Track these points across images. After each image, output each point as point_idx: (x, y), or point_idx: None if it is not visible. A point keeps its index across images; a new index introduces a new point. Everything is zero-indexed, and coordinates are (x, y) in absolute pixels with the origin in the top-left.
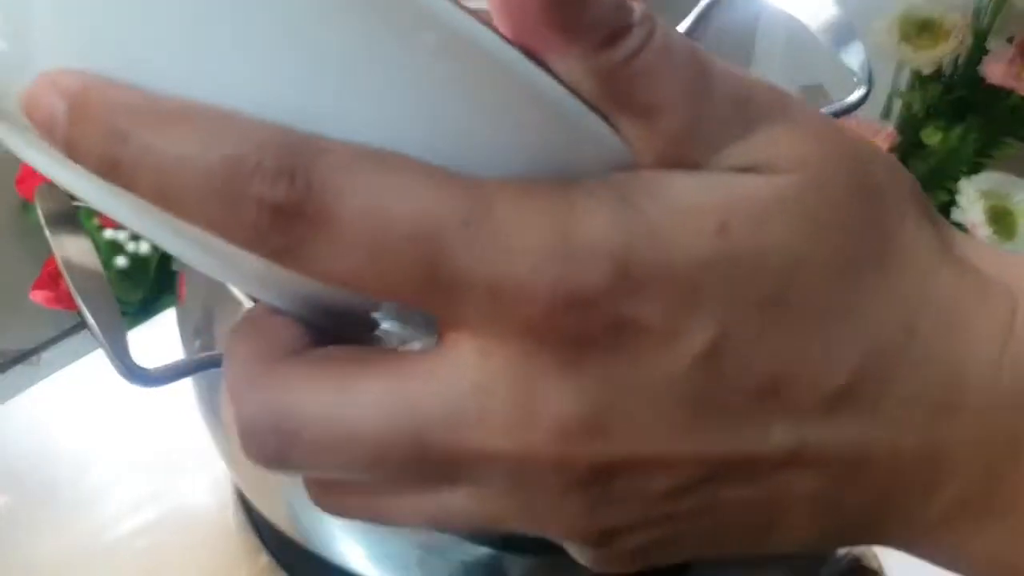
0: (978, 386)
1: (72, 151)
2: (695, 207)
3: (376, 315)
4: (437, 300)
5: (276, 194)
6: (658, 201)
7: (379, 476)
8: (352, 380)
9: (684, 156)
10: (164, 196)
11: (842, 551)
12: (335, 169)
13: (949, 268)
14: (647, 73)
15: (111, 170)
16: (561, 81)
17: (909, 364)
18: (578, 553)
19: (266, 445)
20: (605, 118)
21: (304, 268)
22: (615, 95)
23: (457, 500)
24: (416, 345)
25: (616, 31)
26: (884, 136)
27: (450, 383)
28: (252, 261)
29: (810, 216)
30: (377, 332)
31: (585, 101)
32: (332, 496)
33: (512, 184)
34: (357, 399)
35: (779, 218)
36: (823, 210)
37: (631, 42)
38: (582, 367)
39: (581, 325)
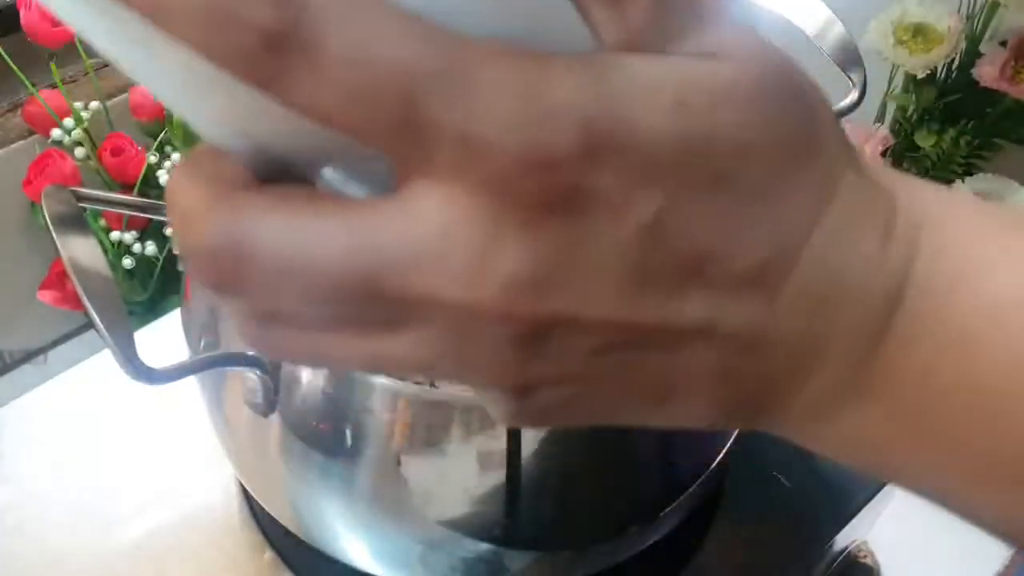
0: (856, 284)
1: None
2: (657, 83)
3: (325, 169)
4: (408, 143)
5: (266, 17)
6: (624, 76)
7: (327, 311)
8: (313, 213)
9: (647, 43)
10: (154, 9)
11: (838, 548)
12: (327, 1)
13: (852, 170)
14: None
15: None
16: None
17: (808, 256)
18: (492, 405)
19: (221, 268)
20: (577, 5)
21: (285, 97)
22: None
23: (396, 343)
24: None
25: None
26: (878, 139)
27: (412, 226)
28: (220, 96)
29: (760, 103)
30: (320, 184)
31: None
32: (270, 330)
33: (491, 44)
34: (318, 231)
35: (733, 101)
36: (771, 100)
37: None
38: (538, 228)
39: (542, 188)
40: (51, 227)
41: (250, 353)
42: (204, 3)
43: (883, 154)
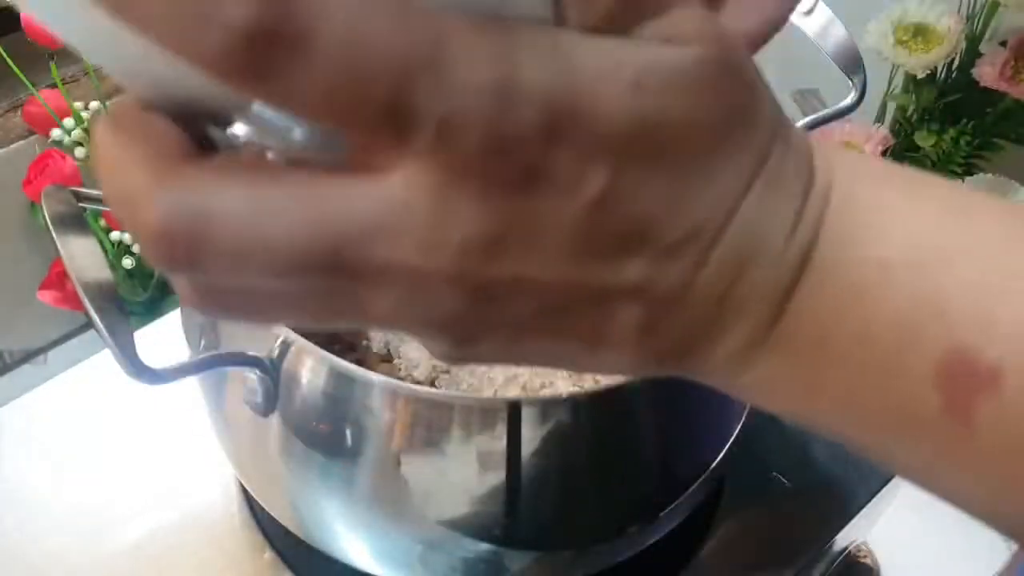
0: (774, 246)
1: None
2: (616, 64)
3: (240, 115)
4: (387, 130)
5: (250, 10)
6: (586, 56)
7: (287, 283)
8: (268, 187)
9: (611, 27)
10: (116, 5)
11: (838, 548)
12: None
13: (780, 141)
14: None
15: None
16: None
17: (736, 222)
18: (431, 344)
19: (177, 246)
20: None
21: (265, 94)
22: None
23: (351, 304)
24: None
25: None
26: (878, 139)
27: (372, 201)
28: (157, 67)
29: (708, 87)
30: (230, 129)
31: None
32: (226, 301)
33: (464, 21)
34: (277, 204)
35: (684, 84)
36: (718, 84)
37: None
38: (493, 199)
39: (503, 165)
40: (51, 227)
41: (250, 353)
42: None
43: (883, 154)
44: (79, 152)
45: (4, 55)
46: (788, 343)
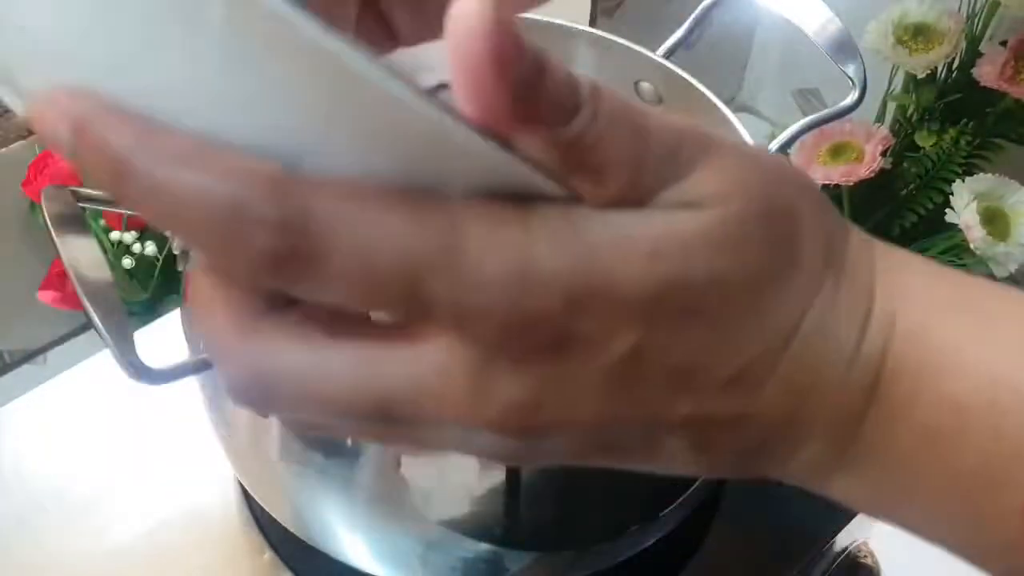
0: (835, 376)
1: (80, 170)
2: (633, 238)
3: None
4: (412, 314)
5: (273, 241)
6: (603, 233)
7: (347, 423)
8: (327, 348)
9: (626, 202)
10: (165, 225)
11: (838, 548)
12: (326, 211)
13: (832, 273)
14: (597, 142)
15: (116, 197)
16: (520, 153)
17: (788, 357)
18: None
19: (251, 397)
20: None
21: (293, 291)
22: (569, 163)
23: (407, 440)
24: None
25: (570, 110)
26: (879, 139)
27: (415, 364)
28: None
29: (728, 244)
30: None
31: (538, 165)
32: (289, 421)
33: (480, 213)
34: (331, 365)
35: (702, 247)
36: (739, 239)
37: (583, 119)
38: (528, 366)
39: (531, 340)
40: (51, 227)
41: None
42: (211, 225)
43: (883, 154)
44: None
45: None
46: (866, 467)
